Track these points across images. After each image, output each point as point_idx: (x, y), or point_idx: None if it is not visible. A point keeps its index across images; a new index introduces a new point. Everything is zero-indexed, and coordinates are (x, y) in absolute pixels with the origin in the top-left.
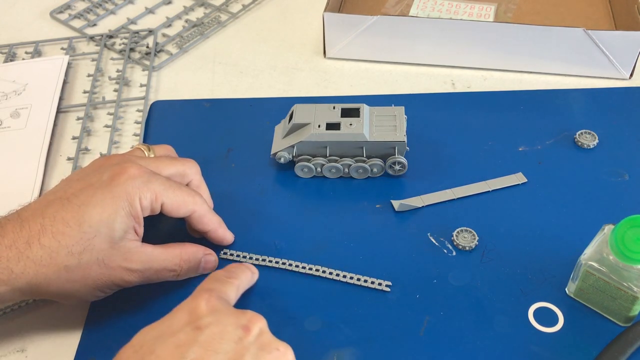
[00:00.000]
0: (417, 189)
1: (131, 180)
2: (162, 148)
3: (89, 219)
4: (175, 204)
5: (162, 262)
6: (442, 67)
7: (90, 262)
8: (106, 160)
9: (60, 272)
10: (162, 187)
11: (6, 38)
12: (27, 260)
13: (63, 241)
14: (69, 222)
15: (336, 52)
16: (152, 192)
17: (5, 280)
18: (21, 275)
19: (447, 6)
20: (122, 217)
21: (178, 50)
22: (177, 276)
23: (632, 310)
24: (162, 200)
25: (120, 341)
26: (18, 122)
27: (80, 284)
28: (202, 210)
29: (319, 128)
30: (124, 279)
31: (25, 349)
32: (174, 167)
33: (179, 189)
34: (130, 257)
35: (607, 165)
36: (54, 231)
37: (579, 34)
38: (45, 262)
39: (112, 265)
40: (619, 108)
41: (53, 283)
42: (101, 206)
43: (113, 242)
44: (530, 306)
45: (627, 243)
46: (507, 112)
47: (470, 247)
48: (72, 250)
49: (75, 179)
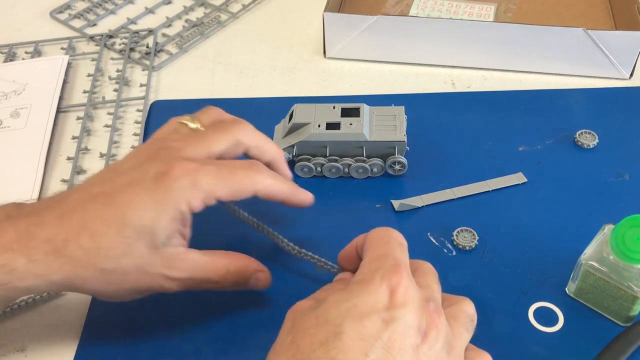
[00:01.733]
0: (417, 189)
1: (177, 182)
2: (207, 114)
3: (130, 222)
4: (232, 192)
5: (205, 272)
6: (442, 67)
7: (128, 268)
8: (156, 151)
9: (97, 274)
10: (214, 181)
11: (6, 38)
12: (64, 258)
13: (102, 243)
14: (110, 224)
15: (336, 52)
16: (201, 192)
17: (42, 274)
18: (58, 271)
19: (447, 6)
20: (166, 222)
21: (178, 50)
22: (222, 288)
23: (632, 310)
24: (216, 195)
25: (120, 341)
26: (18, 121)
27: (117, 286)
28: (265, 186)
29: (319, 128)
30: (163, 286)
31: (25, 348)
32: (225, 141)
33: (233, 174)
34: (172, 265)
35: (607, 165)
36: (94, 231)
37: (579, 34)
38: (83, 263)
39: (152, 272)
40: (619, 108)
41: (89, 283)
42: (144, 210)
43: (155, 248)
44: (530, 306)
45: (627, 243)
46: (507, 112)
47: (470, 247)
48: (111, 253)
49: (121, 171)
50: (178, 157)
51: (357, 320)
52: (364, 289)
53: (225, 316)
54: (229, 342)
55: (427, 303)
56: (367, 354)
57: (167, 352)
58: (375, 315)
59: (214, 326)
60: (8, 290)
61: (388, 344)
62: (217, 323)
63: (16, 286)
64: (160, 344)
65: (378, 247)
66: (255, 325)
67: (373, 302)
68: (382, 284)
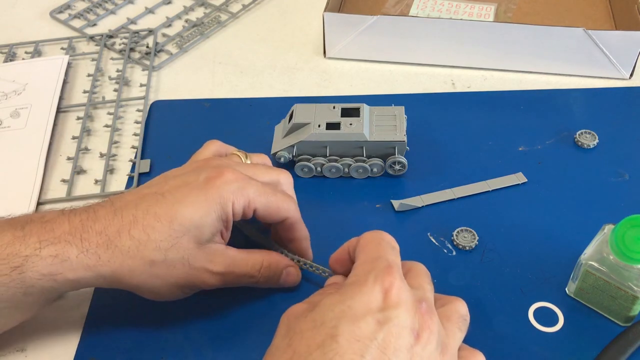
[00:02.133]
0: (417, 189)
1: (227, 184)
2: (258, 157)
3: (180, 217)
4: (269, 210)
5: (244, 267)
6: (442, 67)
7: (175, 260)
8: (205, 162)
9: (145, 265)
10: (257, 193)
11: (6, 38)
12: (115, 249)
13: (152, 235)
14: (161, 218)
15: (336, 52)
16: (245, 198)
17: (92, 266)
18: (107, 263)
19: (447, 6)
20: (212, 219)
21: (178, 50)
22: (256, 283)
23: (632, 310)
24: (256, 206)
25: (120, 341)
26: (18, 121)
27: (163, 280)
28: (294, 217)
29: (319, 128)
30: (205, 281)
31: (25, 348)
32: (269, 175)
33: (274, 195)
34: (214, 259)
35: (607, 165)
36: (145, 224)
37: (579, 33)
38: (132, 254)
39: (196, 266)
40: (619, 108)
41: (136, 276)
42: (194, 206)
43: (200, 243)
44: (530, 306)
45: (627, 243)
46: (507, 112)
47: (470, 247)
48: (160, 245)
49: (172, 176)
50: (229, 166)
51: (351, 321)
52: (358, 291)
53: (225, 316)
54: (229, 342)
55: (420, 304)
56: (363, 355)
57: (167, 352)
58: (370, 317)
59: (214, 326)
60: (59, 282)
61: (383, 345)
62: (217, 323)
63: (66, 278)
64: (160, 344)
65: (370, 249)
66: (255, 326)
67: (367, 303)
68: (376, 285)
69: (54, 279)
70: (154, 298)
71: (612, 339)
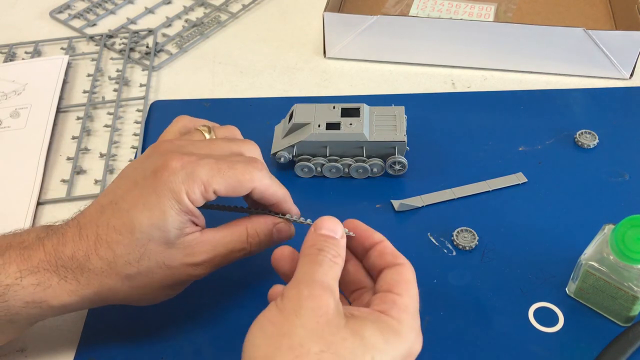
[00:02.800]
0: (417, 189)
1: (174, 175)
2: (226, 129)
3: (138, 225)
4: (230, 186)
5: (227, 244)
6: (442, 67)
7: (150, 267)
8: (154, 149)
9: (123, 281)
10: (210, 173)
11: (6, 38)
12: (89, 273)
13: (118, 251)
14: (121, 230)
15: (336, 52)
16: (198, 183)
17: (74, 290)
18: (87, 286)
19: (447, 6)
20: (172, 216)
21: (178, 50)
22: (249, 253)
23: (633, 310)
24: (214, 187)
25: (120, 342)
26: (18, 121)
27: (146, 289)
28: (263, 184)
29: (319, 128)
30: (191, 274)
31: (25, 348)
32: (229, 148)
33: (232, 169)
34: (192, 252)
35: (607, 165)
36: (109, 241)
37: (579, 33)
38: (106, 274)
39: (175, 265)
40: (619, 108)
41: (119, 292)
42: (149, 210)
43: (169, 242)
44: (530, 306)
45: (627, 243)
46: (507, 112)
47: (470, 247)
48: (128, 259)
49: (124, 175)
50: (175, 151)
51: None
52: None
53: (225, 316)
54: (229, 342)
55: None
56: None
57: (167, 353)
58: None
59: (214, 326)
60: (44, 309)
61: None
62: (217, 323)
63: (51, 305)
64: (159, 345)
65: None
66: None
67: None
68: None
69: (38, 306)
70: (148, 304)
71: (612, 339)
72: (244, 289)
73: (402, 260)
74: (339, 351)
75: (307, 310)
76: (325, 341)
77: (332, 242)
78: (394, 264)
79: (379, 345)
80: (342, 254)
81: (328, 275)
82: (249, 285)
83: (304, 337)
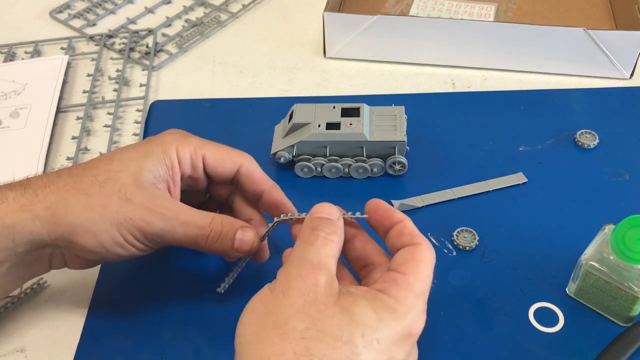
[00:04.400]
0: (417, 189)
1: (170, 134)
2: None
3: (119, 156)
4: (219, 157)
5: (191, 215)
6: (442, 67)
7: (111, 192)
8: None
9: (80, 196)
10: (202, 143)
11: (6, 38)
12: (52, 186)
13: (90, 171)
14: (102, 159)
15: (336, 52)
16: (190, 145)
17: (28, 205)
18: (44, 200)
19: (447, 6)
20: (152, 160)
21: (178, 50)
22: (206, 240)
23: (633, 310)
24: (203, 153)
25: (120, 341)
26: (18, 121)
27: (97, 214)
28: (251, 164)
29: (319, 128)
30: (146, 219)
31: (25, 348)
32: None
33: (221, 146)
34: (154, 200)
35: (608, 165)
36: (85, 165)
37: (579, 33)
38: (67, 187)
39: (134, 202)
40: (619, 108)
41: (71, 209)
42: (135, 148)
43: (139, 181)
44: (531, 306)
45: (627, 243)
46: (507, 112)
47: (470, 247)
48: (96, 178)
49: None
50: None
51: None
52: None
53: (225, 316)
54: (229, 342)
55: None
56: None
57: (167, 352)
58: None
59: (214, 326)
60: None
61: None
62: (217, 323)
63: (4, 222)
64: (159, 344)
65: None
66: None
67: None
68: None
69: None
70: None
71: (613, 339)
72: (245, 289)
73: (419, 240)
74: (324, 328)
75: (295, 290)
76: (311, 319)
77: (326, 222)
78: (411, 244)
79: (370, 323)
80: (338, 232)
81: (321, 253)
82: (249, 286)
83: (290, 315)
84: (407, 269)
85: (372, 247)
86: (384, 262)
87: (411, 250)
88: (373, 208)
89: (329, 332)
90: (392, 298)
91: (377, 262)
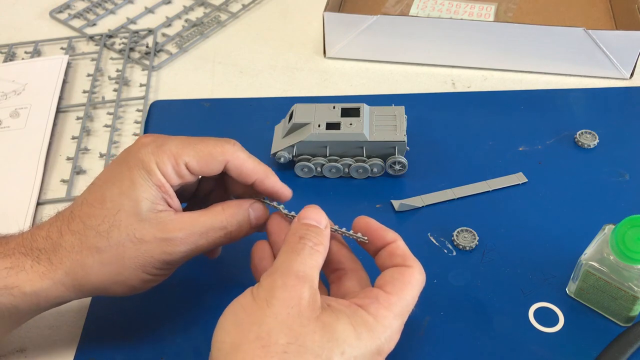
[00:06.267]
0: (417, 189)
1: (143, 147)
2: None
3: (109, 195)
4: (202, 159)
5: (204, 222)
6: (442, 67)
7: (121, 240)
8: None
9: (93, 256)
10: (180, 145)
11: (6, 38)
12: (61, 250)
13: (88, 222)
14: (93, 203)
15: (336, 51)
16: (168, 154)
17: (46, 272)
18: (59, 266)
19: (447, 6)
20: (141, 186)
21: (178, 50)
22: (230, 235)
23: (633, 311)
24: (185, 160)
25: (120, 342)
26: (17, 121)
27: (118, 265)
28: (237, 158)
29: (319, 128)
30: (166, 251)
31: (25, 349)
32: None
33: (201, 143)
34: (165, 227)
35: (608, 165)
36: (81, 215)
37: (579, 33)
38: (77, 248)
39: (147, 239)
40: (619, 108)
41: (89, 270)
42: (120, 180)
43: (140, 214)
44: (531, 306)
45: (627, 243)
46: (507, 112)
47: (470, 247)
48: (99, 230)
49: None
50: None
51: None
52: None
53: None
54: None
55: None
56: None
57: (167, 352)
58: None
59: (214, 326)
60: (16, 297)
61: None
62: (216, 323)
63: (23, 291)
64: (159, 344)
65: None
66: None
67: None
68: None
69: (10, 293)
70: (126, 291)
71: (613, 339)
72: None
73: (411, 263)
74: (306, 343)
75: (279, 301)
76: (294, 333)
77: (314, 230)
78: (403, 265)
79: (350, 341)
80: (324, 242)
81: (306, 264)
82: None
83: (272, 328)
84: (393, 289)
85: (345, 252)
86: (355, 268)
87: (401, 271)
88: (363, 226)
89: (309, 349)
90: (371, 315)
91: (348, 268)
